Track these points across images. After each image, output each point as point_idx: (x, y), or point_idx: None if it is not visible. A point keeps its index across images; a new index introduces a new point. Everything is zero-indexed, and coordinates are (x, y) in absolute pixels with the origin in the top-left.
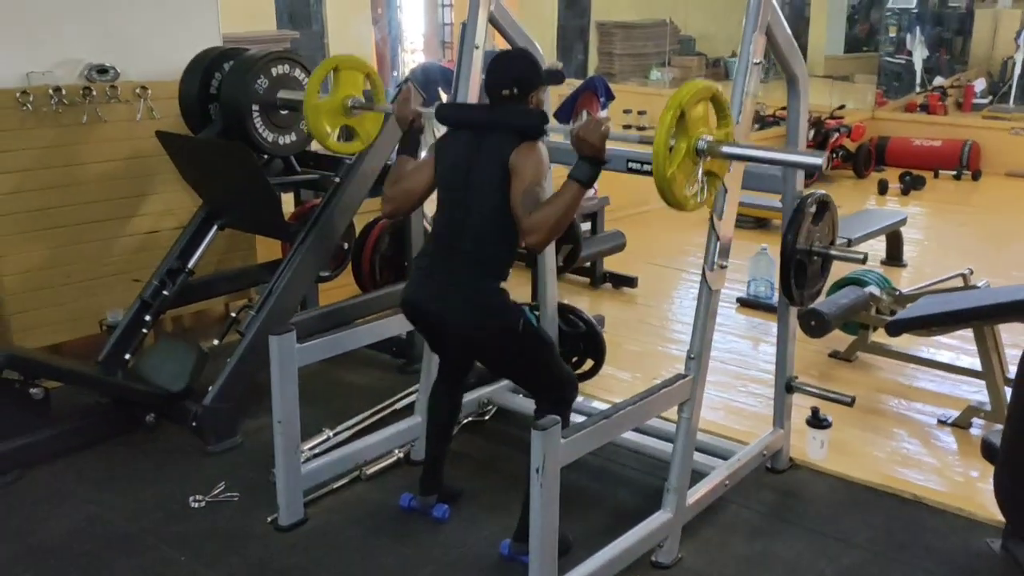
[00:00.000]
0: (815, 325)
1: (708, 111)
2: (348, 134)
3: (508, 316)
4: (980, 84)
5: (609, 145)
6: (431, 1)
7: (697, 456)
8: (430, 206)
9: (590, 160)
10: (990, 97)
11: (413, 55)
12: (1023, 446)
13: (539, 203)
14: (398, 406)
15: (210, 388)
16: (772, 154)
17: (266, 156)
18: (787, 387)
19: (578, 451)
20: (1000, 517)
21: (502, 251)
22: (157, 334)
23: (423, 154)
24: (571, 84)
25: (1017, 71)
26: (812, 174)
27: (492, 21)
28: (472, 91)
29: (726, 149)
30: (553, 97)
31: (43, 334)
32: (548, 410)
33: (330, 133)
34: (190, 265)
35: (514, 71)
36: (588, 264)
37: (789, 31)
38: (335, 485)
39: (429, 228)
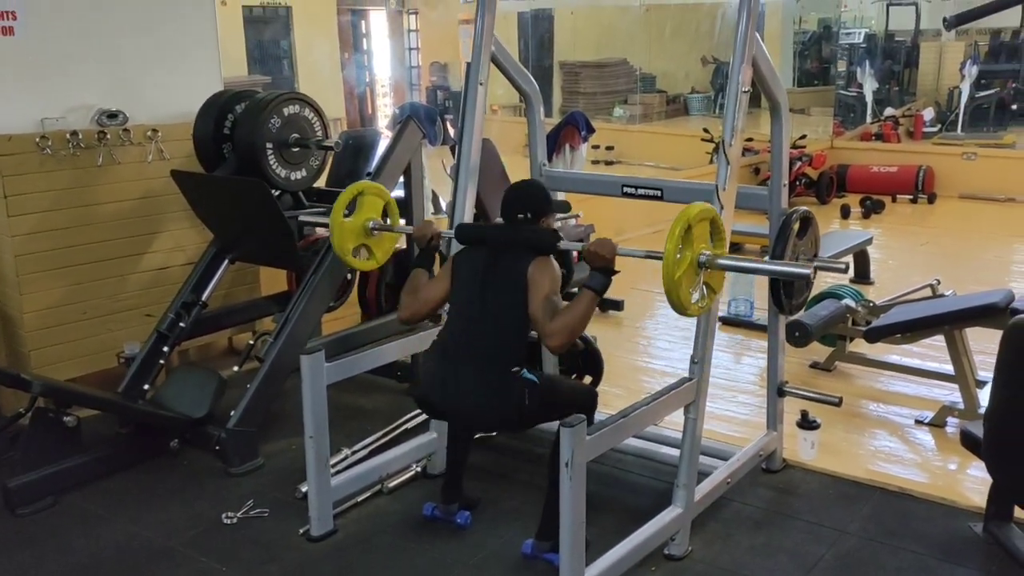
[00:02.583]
0: (799, 336)
1: (706, 231)
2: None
3: (510, 403)
4: (929, 113)
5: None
6: (398, 46)
7: (700, 458)
8: (444, 195)
9: (603, 271)
10: (939, 125)
11: (384, 98)
12: (1008, 415)
13: (557, 310)
14: (409, 425)
15: (232, 413)
16: (761, 266)
17: (278, 191)
18: (779, 391)
19: (602, 447)
20: (979, 503)
21: (517, 353)
22: (167, 365)
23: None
24: (549, 123)
25: (963, 100)
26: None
27: (493, 60)
28: (477, 125)
29: (722, 261)
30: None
31: (62, 369)
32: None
33: (350, 251)
34: (204, 298)
35: (529, 200)
36: (576, 289)
37: (772, 62)
38: (359, 498)
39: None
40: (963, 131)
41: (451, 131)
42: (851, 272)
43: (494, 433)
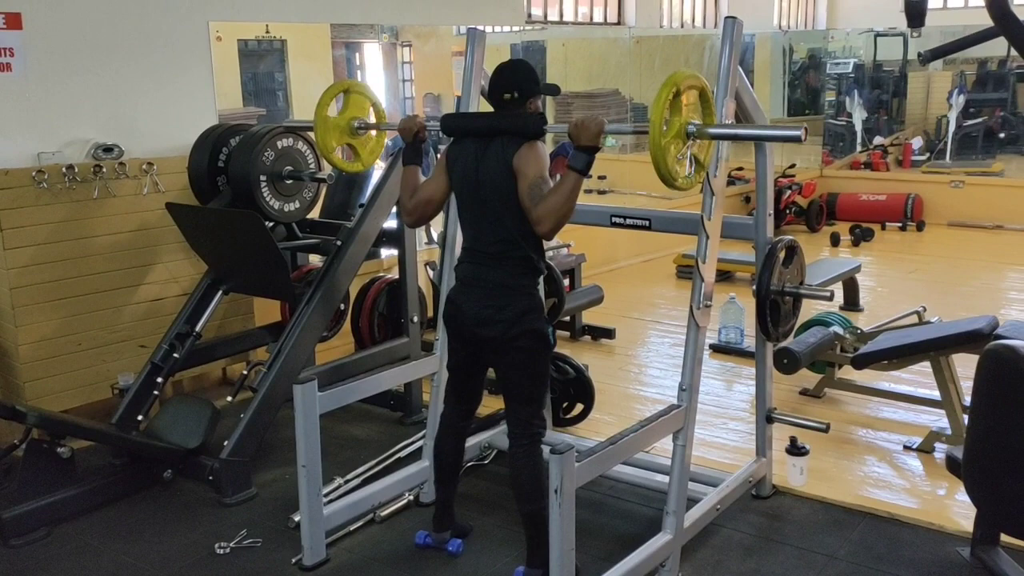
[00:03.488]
0: (787, 363)
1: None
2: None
3: (539, 322)
4: (917, 142)
5: (602, 145)
6: (392, 77)
7: (689, 485)
8: (436, 225)
9: (586, 149)
10: (927, 154)
11: None
12: (984, 440)
13: (543, 195)
14: (402, 454)
15: (225, 443)
16: (755, 131)
17: (271, 223)
18: (768, 418)
19: (591, 474)
20: (967, 527)
21: (528, 247)
22: (161, 396)
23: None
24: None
25: (951, 129)
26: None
27: (483, 92)
28: None
29: (712, 130)
30: None
31: (56, 400)
32: (525, 444)
33: (335, 148)
34: (198, 328)
35: (516, 77)
36: (568, 318)
37: (755, 95)
38: (352, 527)
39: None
40: (951, 159)
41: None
42: (840, 299)
43: (485, 458)
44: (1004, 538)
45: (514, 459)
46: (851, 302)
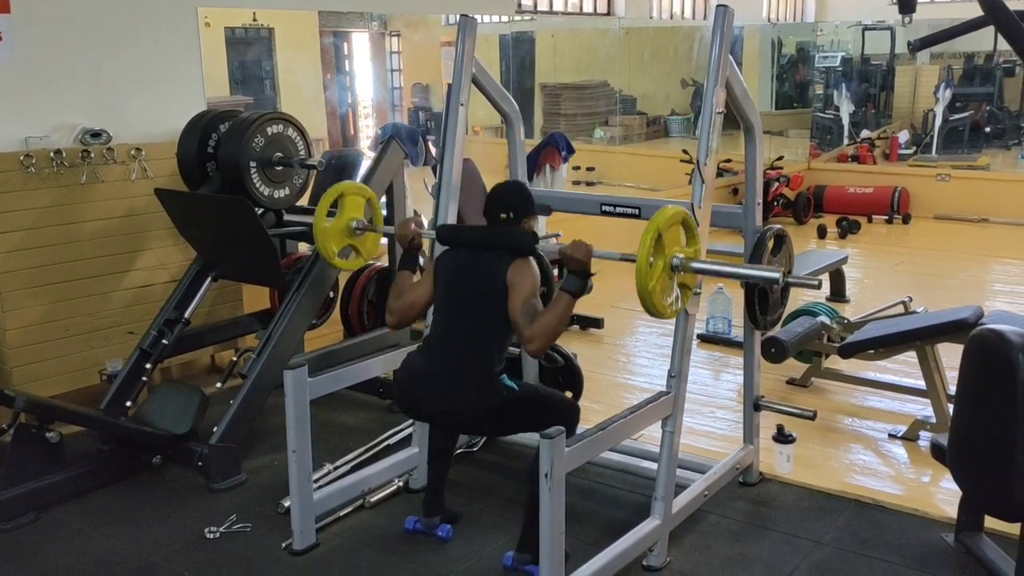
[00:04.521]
0: (775, 352)
1: (680, 233)
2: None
3: (488, 397)
4: (904, 135)
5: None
6: (381, 67)
7: (677, 471)
8: (426, 213)
9: (579, 274)
10: (914, 148)
11: (366, 119)
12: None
13: (536, 313)
14: (391, 441)
15: (214, 429)
16: (734, 269)
17: (261, 209)
18: (755, 406)
19: (581, 458)
20: (951, 514)
21: (496, 353)
22: (150, 383)
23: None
24: (530, 143)
25: (938, 123)
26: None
27: (474, 81)
28: (458, 145)
29: (695, 265)
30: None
31: (44, 386)
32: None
33: (336, 252)
34: (187, 315)
35: (511, 199)
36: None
37: (745, 84)
38: (341, 513)
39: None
40: (938, 153)
41: (433, 151)
42: (827, 290)
43: (475, 445)
44: (987, 524)
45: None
46: (838, 293)
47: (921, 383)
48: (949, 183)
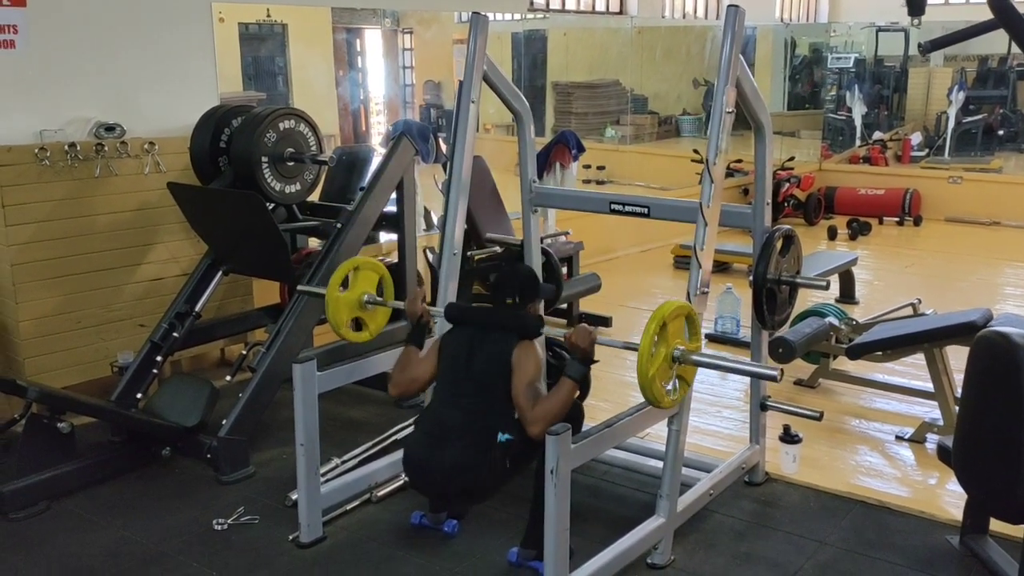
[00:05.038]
0: (782, 352)
1: (682, 327)
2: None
3: (486, 466)
4: (916, 137)
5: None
6: (393, 64)
7: (683, 470)
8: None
9: (582, 360)
10: (926, 150)
11: (378, 116)
12: (975, 426)
13: (539, 396)
14: (398, 436)
15: (223, 421)
16: (732, 364)
17: (272, 204)
18: (762, 406)
19: (586, 455)
20: (957, 516)
21: (494, 421)
22: (160, 375)
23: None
24: (540, 142)
25: (950, 125)
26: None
27: (485, 79)
28: (469, 142)
29: (695, 357)
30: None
31: (56, 377)
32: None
33: (345, 322)
34: (197, 308)
35: (518, 285)
36: (565, 305)
37: (755, 84)
38: (348, 507)
39: (430, 258)
40: (950, 155)
41: (444, 148)
42: (836, 292)
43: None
44: (993, 527)
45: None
46: (847, 294)
47: (929, 385)
48: (961, 185)
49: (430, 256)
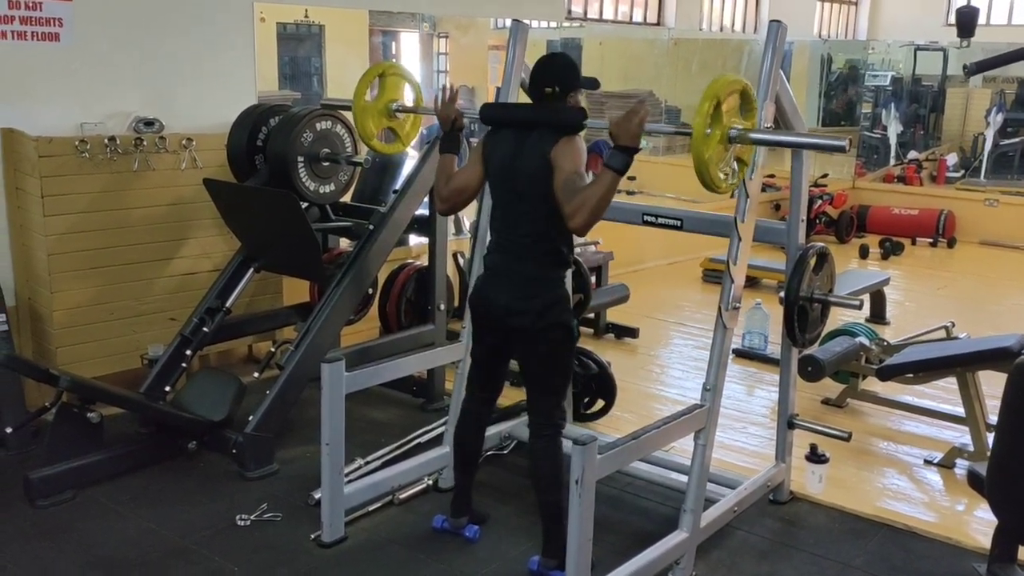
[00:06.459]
0: (811, 370)
1: (736, 103)
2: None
3: (566, 314)
4: (952, 158)
5: (643, 141)
6: (428, 67)
7: (707, 486)
8: (468, 215)
9: (624, 149)
10: (962, 171)
11: None
12: (1011, 454)
13: (577, 189)
14: (422, 440)
15: (250, 418)
16: (796, 138)
17: (306, 204)
18: (789, 424)
19: (612, 466)
20: (985, 544)
21: (559, 241)
22: (188, 369)
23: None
24: None
25: (987, 147)
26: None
27: (521, 85)
28: None
29: (754, 135)
30: None
31: (86, 367)
32: (546, 436)
33: (375, 134)
34: (228, 304)
35: (557, 71)
36: (593, 315)
37: (794, 99)
38: (371, 508)
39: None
40: (986, 178)
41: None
42: (867, 312)
43: (505, 448)
44: (1022, 554)
45: (535, 450)
46: (878, 315)
47: (959, 410)
48: (997, 208)
49: (460, 260)
